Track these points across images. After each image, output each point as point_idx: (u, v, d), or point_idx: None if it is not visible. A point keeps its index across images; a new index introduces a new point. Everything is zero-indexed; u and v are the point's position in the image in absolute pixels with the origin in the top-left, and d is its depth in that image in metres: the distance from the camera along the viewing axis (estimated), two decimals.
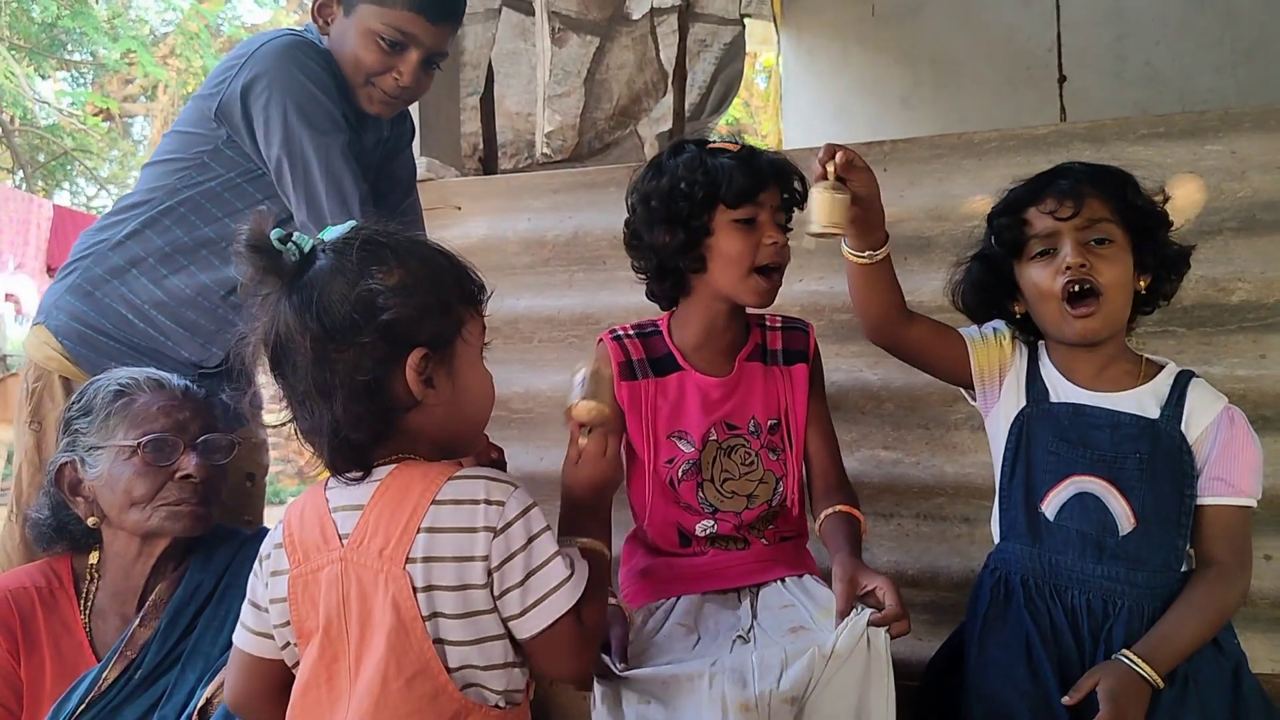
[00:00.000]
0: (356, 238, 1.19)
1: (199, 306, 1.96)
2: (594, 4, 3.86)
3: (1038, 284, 1.50)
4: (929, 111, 4.84)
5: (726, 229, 1.65)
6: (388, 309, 1.15)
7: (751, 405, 1.74)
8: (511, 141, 3.86)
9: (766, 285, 1.66)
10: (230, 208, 1.94)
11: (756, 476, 1.72)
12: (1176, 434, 1.46)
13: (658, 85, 4.22)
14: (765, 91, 10.59)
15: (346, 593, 1.15)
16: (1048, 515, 1.50)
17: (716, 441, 1.72)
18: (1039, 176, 1.55)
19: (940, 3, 4.90)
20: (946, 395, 2.13)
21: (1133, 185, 1.51)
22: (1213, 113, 2.02)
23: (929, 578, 2.12)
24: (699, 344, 1.75)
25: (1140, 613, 1.43)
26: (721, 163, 1.64)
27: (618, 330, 1.79)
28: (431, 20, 1.88)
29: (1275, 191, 1.95)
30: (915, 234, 2.17)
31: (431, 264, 1.22)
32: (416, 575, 1.12)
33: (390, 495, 1.16)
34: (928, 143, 2.21)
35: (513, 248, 2.51)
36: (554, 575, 1.16)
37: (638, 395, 1.74)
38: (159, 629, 1.59)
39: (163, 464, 1.61)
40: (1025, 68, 4.54)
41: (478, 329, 1.26)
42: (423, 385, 1.17)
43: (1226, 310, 1.96)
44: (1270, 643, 1.89)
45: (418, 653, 1.12)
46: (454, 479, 1.15)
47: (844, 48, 5.17)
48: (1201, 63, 4.29)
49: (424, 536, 1.12)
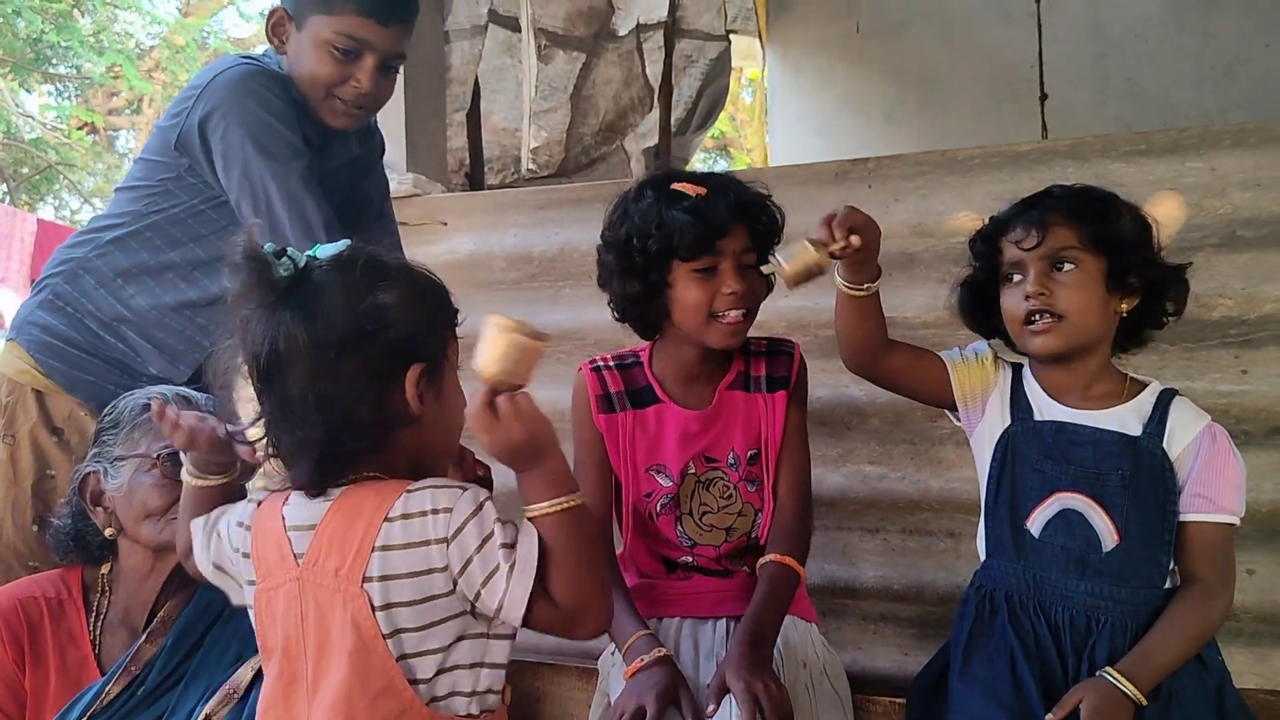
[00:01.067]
0: (360, 255, 1.20)
1: (165, 326, 1.98)
2: (580, 21, 3.88)
3: (1006, 309, 1.54)
4: (913, 128, 4.87)
5: (685, 279, 1.62)
6: (395, 324, 1.17)
7: (731, 437, 1.72)
8: (498, 157, 3.87)
9: (729, 328, 1.64)
10: (194, 233, 1.97)
11: (735, 510, 1.72)
12: (1159, 451, 1.47)
13: (644, 101, 4.24)
14: (751, 106, 10.63)
15: (304, 612, 1.16)
16: (1033, 532, 1.51)
17: (695, 475, 1.71)
18: (1018, 204, 1.58)
19: (924, 20, 4.94)
20: (931, 411, 2.13)
21: (1113, 206, 1.52)
22: (1193, 130, 2.04)
23: (915, 593, 2.12)
24: (678, 376, 1.74)
25: (1124, 629, 1.44)
26: (675, 215, 1.60)
27: (597, 361, 1.79)
28: (382, 22, 1.90)
29: (1255, 208, 1.96)
30: (899, 250, 2.18)
31: (423, 285, 1.24)
32: (374, 594, 1.12)
33: (342, 515, 1.16)
34: (912, 159, 2.22)
35: (499, 263, 2.51)
36: (503, 570, 1.13)
37: (615, 428, 1.73)
38: (165, 646, 1.58)
39: (180, 478, 1.61)
40: (1008, 84, 4.57)
41: (456, 351, 1.27)
42: (418, 401, 1.18)
43: (1208, 326, 1.97)
44: (1254, 657, 1.90)
45: (381, 670, 1.12)
46: (405, 495, 1.14)
47: (829, 64, 5.20)
48: (1182, 80, 4.33)
49: (378, 555, 1.12)
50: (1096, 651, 1.43)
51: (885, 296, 2.15)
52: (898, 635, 2.15)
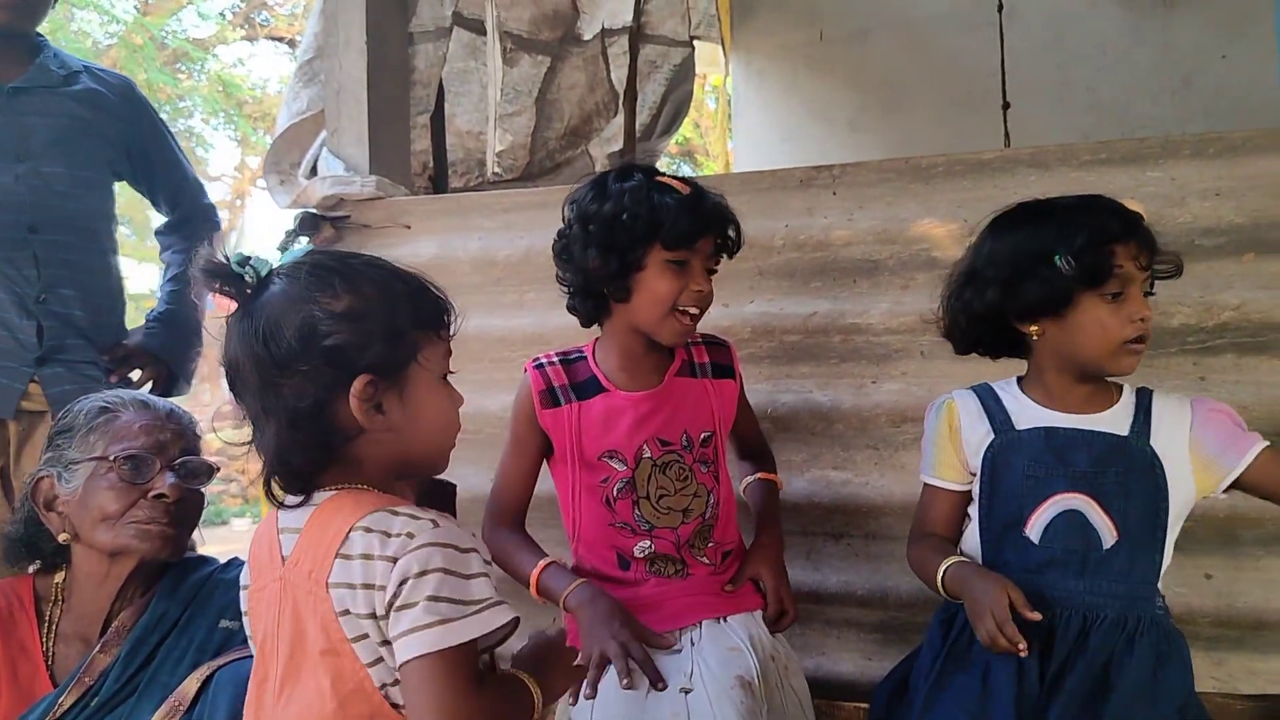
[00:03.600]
0: (306, 262, 1.19)
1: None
2: (545, 24, 3.86)
3: (1104, 324, 1.48)
4: (876, 135, 4.90)
5: (659, 267, 1.66)
6: (330, 335, 1.14)
7: (682, 418, 1.76)
8: (462, 160, 3.84)
9: (684, 326, 1.70)
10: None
11: (691, 491, 1.74)
12: (1147, 449, 1.50)
13: (609, 106, 4.23)
14: (714, 112, 10.66)
15: (282, 612, 1.16)
16: (1033, 538, 1.52)
17: (651, 459, 1.73)
18: (1124, 214, 1.51)
19: (887, 29, 4.97)
20: (895, 416, 2.15)
21: None
22: (1153, 139, 2.06)
23: (878, 597, 2.13)
24: (623, 365, 1.78)
25: (1121, 624, 1.46)
26: (667, 201, 1.64)
27: (540, 359, 1.81)
28: None
29: (1214, 217, 1.99)
30: (864, 257, 2.19)
31: (384, 288, 1.20)
32: (335, 599, 1.11)
33: (320, 520, 1.15)
34: (876, 167, 2.23)
35: (463, 267, 2.49)
36: (424, 615, 1.08)
37: (560, 421, 1.75)
38: (120, 656, 1.56)
39: (137, 481, 1.60)
40: (969, 93, 4.61)
41: (438, 353, 1.24)
42: (370, 412, 1.16)
43: (1167, 333, 2.00)
44: (1212, 661, 1.92)
45: (350, 673, 1.11)
46: (379, 510, 1.13)
47: (792, 71, 5.22)
48: (1140, 91, 4.39)
49: (339, 561, 1.12)
50: (1089, 642, 1.45)
51: (848, 303, 2.18)
52: (861, 641, 2.16)
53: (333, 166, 2.65)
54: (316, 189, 2.57)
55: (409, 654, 1.08)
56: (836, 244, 2.22)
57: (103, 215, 2.46)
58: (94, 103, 2.42)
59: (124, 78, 2.62)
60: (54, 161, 2.33)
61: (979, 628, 1.40)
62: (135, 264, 12.10)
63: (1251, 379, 1.97)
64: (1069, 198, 1.56)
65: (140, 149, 2.51)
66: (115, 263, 2.52)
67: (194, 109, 12.98)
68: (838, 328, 2.20)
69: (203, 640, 1.59)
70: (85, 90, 2.41)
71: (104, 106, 2.44)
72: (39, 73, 2.36)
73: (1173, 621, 1.52)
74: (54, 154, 2.33)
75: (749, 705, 1.48)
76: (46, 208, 2.31)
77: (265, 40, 13.34)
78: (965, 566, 1.51)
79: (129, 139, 2.49)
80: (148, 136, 2.53)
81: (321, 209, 2.58)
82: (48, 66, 2.38)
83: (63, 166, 2.34)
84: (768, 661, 1.62)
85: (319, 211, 2.58)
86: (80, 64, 2.48)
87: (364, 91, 2.67)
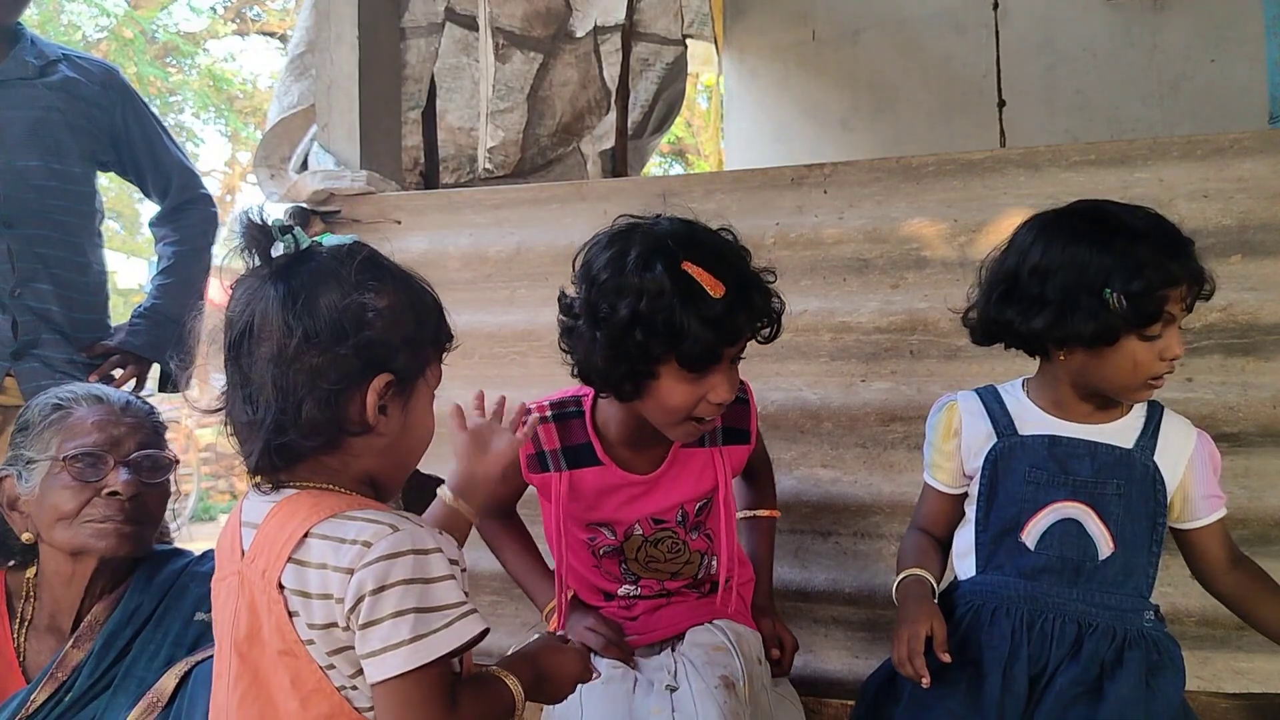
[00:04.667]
0: (360, 252, 1.18)
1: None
2: (538, 21, 3.86)
3: (1138, 361, 1.44)
4: (867, 134, 4.91)
5: (674, 377, 1.45)
6: (374, 327, 1.14)
7: (680, 493, 1.65)
8: (453, 156, 3.84)
9: (698, 430, 1.54)
10: None
11: (682, 559, 1.70)
12: (1150, 464, 1.50)
13: (600, 103, 4.23)
14: (706, 111, 10.67)
15: (238, 608, 1.14)
16: (1028, 544, 1.52)
17: (643, 535, 1.66)
18: (1170, 247, 1.43)
19: (879, 29, 4.98)
20: (884, 414, 2.16)
21: None
22: (1142, 141, 2.07)
23: (866, 595, 2.13)
24: (624, 438, 1.62)
25: (1110, 634, 1.46)
26: (691, 322, 1.39)
27: (533, 409, 1.57)
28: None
29: (1201, 219, 2.00)
30: (854, 255, 2.20)
31: (420, 299, 1.22)
32: (288, 602, 1.09)
33: (279, 518, 1.13)
34: (867, 166, 2.23)
35: (453, 263, 2.49)
36: (394, 633, 1.05)
37: (548, 485, 1.65)
38: (93, 651, 1.53)
39: (90, 479, 1.56)
40: (961, 94, 4.63)
41: (437, 374, 1.25)
42: (377, 411, 1.15)
43: None
44: (1197, 660, 1.93)
45: (309, 673, 1.09)
46: (335, 516, 1.11)
47: (784, 70, 5.23)
48: (1129, 93, 4.41)
49: (292, 566, 1.09)
50: (1084, 648, 1.45)
51: (839, 301, 2.19)
52: (848, 638, 2.17)
53: (323, 161, 2.64)
54: (307, 183, 2.57)
55: (380, 676, 1.05)
56: (827, 242, 2.22)
57: (82, 209, 2.42)
58: (72, 92, 2.38)
59: (106, 64, 2.57)
60: (29, 155, 2.30)
61: (894, 648, 1.45)
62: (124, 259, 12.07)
63: (1238, 380, 1.98)
64: (1129, 215, 1.46)
65: (125, 136, 2.47)
66: (97, 257, 2.48)
67: (184, 103, 12.94)
68: (827, 326, 2.20)
69: (178, 634, 1.57)
70: (63, 79, 2.38)
71: (82, 95, 2.40)
72: (14, 64, 2.33)
73: (1166, 628, 1.53)
74: (29, 147, 2.31)
75: (732, 706, 1.47)
76: (21, 201, 2.29)
77: (256, 35, 13.31)
78: (912, 586, 1.54)
79: (111, 127, 2.45)
80: (131, 123, 2.48)
81: (312, 204, 2.57)
82: (23, 57, 2.35)
83: (38, 159, 2.31)
84: (753, 663, 1.61)
85: (309, 206, 2.58)
86: (59, 52, 2.44)
87: (355, 86, 2.66)
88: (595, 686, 1.50)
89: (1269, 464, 1.96)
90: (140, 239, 12.29)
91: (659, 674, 1.54)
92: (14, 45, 2.36)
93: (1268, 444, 1.97)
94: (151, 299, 2.46)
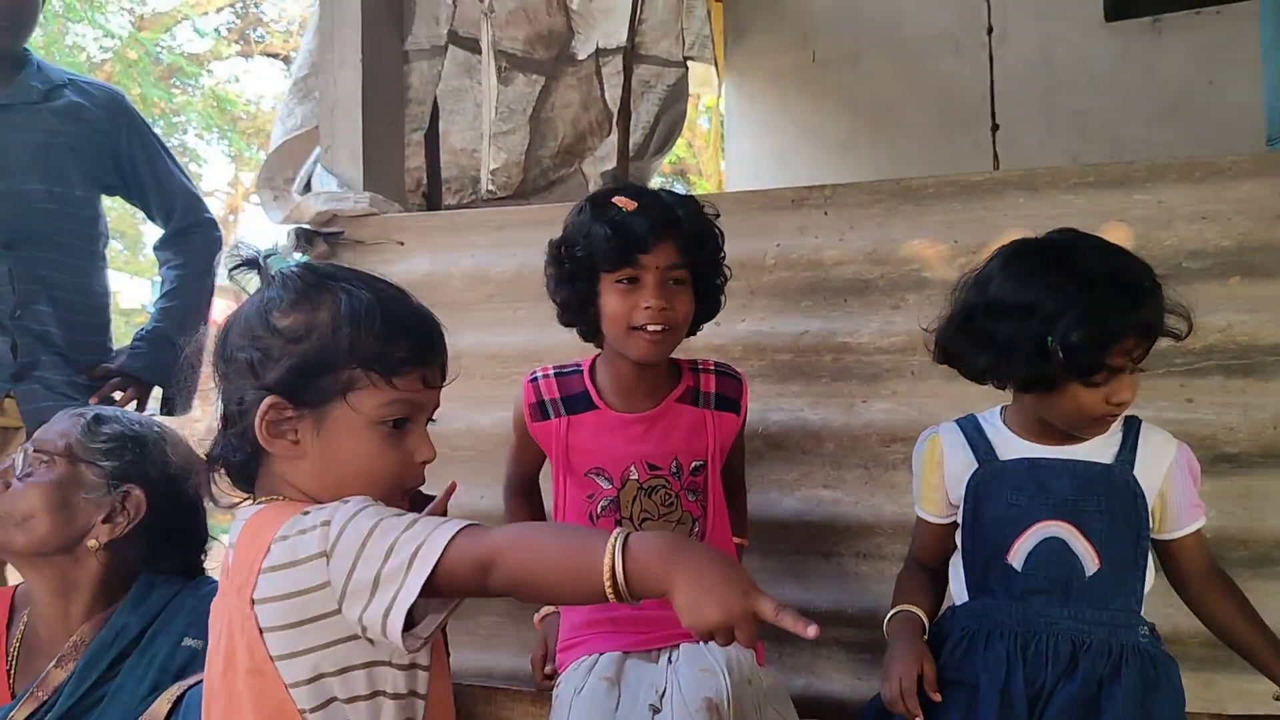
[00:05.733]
0: (288, 272, 1.20)
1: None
2: (540, 44, 3.88)
3: (1081, 404, 1.45)
4: (867, 156, 4.92)
5: (608, 289, 1.67)
6: (252, 348, 1.15)
7: (674, 444, 1.75)
8: (456, 177, 3.85)
9: (647, 342, 1.66)
10: None
11: (675, 517, 1.74)
12: (1130, 479, 1.51)
13: (602, 125, 4.25)
14: (707, 133, 10.71)
15: (221, 626, 1.14)
16: (1015, 566, 1.52)
17: (637, 481, 1.73)
18: (1122, 301, 1.41)
19: (879, 51, 5.01)
20: (885, 435, 2.16)
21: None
22: (1141, 163, 2.08)
23: (868, 617, 2.13)
24: (617, 388, 1.77)
25: (1106, 650, 1.46)
26: (598, 227, 1.64)
27: (536, 372, 1.82)
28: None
29: (1200, 241, 2.01)
30: (855, 276, 2.20)
31: (341, 318, 1.15)
32: (261, 617, 1.08)
33: (250, 533, 1.13)
34: (868, 187, 2.24)
35: (456, 284, 2.50)
36: (399, 554, 1.02)
37: (548, 433, 1.77)
38: (75, 670, 1.52)
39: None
40: (960, 116, 4.64)
41: (373, 400, 1.15)
42: (270, 434, 1.15)
43: (1154, 355, 1.97)
44: (1200, 682, 1.93)
45: (273, 694, 1.08)
46: (297, 514, 1.10)
47: (784, 93, 5.25)
48: (1128, 115, 4.42)
49: (264, 577, 1.08)
50: (1079, 666, 1.45)
51: (839, 322, 2.19)
52: (851, 660, 2.16)
53: (326, 183, 2.65)
54: (310, 205, 2.58)
55: (406, 605, 1.01)
56: (828, 263, 2.23)
57: (85, 232, 2.44)
58: (76, 116, 2.41)
59: (111, 89, 2.61)
60: (32, 178, 2.32)
61: (885, 686, 1.47)
62: (127, 279, 12.09)
63: (1238, 401, 1.98)
64: (1094, 257, 1.45)
65: (129, 161, 2.49)
66: (100, 280, 2.50)
67: (188, 124, 13.00)
68: (829, 347, 2.21)
69: (164, 659, 1.55)
70: (68, 104, 2.40)
71: (86, 120, 2.42)
72: (19, 89, 2.36)
73: (1163, 646, 1.53)
74: (32, 171, 2.33)
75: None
76: (23, 224, 2.31)
77: (260, 56, 13.38)
78: (903, 624, 1.57)
79: (114, 151, 2.47)
80: (135, 147, 2.50)
81: (315, 225, 2.58)
82: (29, 82, 2.37)
83: (41, 183, 2.33)
84: (743, 685, 1.60)
85: (312, 227, 2.58)
86: (65, 77, 2.47)
87: (358, 108, 2.68)
88: (580, 701, 1.54)
89: (1270, 485, 1.96)
90: (143, 259, 12.32)
91: (647, 692, 1.56)
92: (20, 70, 2.38)
93: (1268, 465, 1.97)
94: (154, 322, 2.48)
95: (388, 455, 1.18)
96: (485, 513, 2.35)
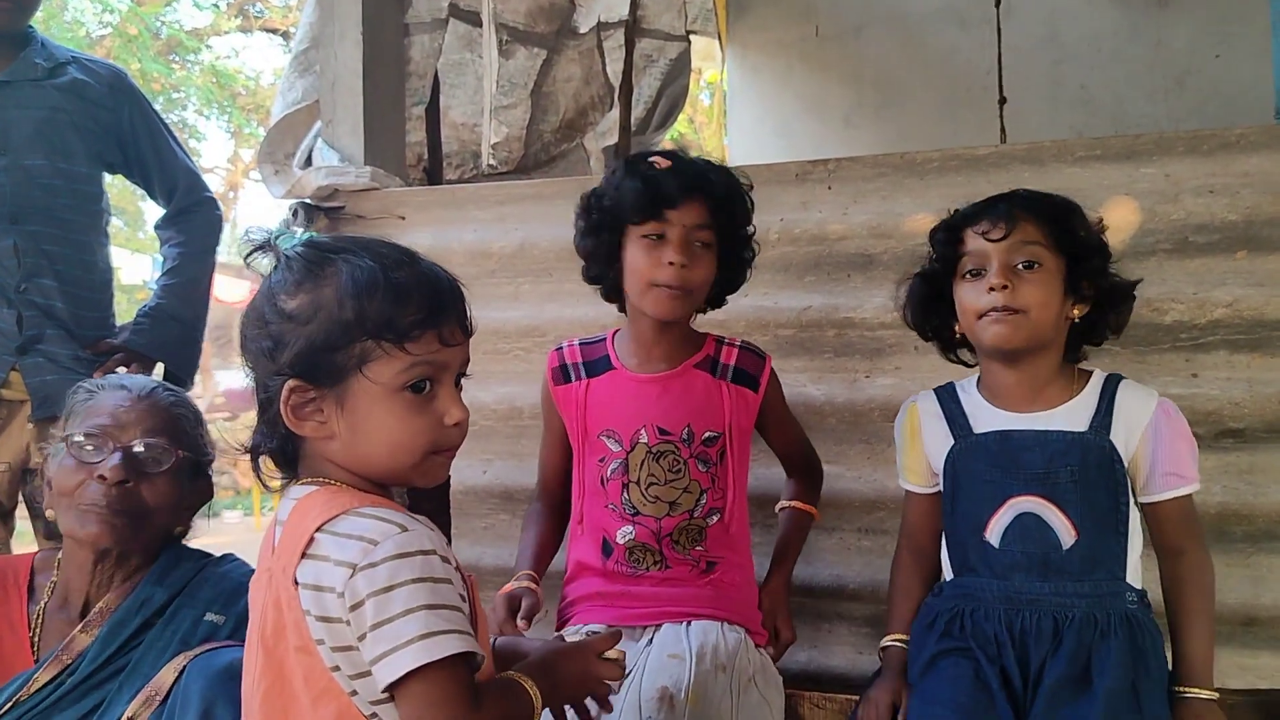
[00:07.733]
0: (294, 253, 1.19)
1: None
2: (542, 17, 3.86)
3: (964, 301, 1.55)
4: (870, 130, 4.90)
5: (635, 243, 1.72)
6: (264, 336, 1.15)
7: (686, 410, 1.76)
8: (457, 152, 3.84)
9: (665, 298, 1.70)
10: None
11: (682, 485, 1.74)
12: (1106, 444, 1.50)
13: (604, 99, 4.23)
14: (709, 108, 10.66)
15: (266, 605, 1.14)
16: (993, 542, 1.52)
17: (646, 445, 1.74)
18: (984, 200, 1.59)
19: (882, 24, 4.98)
20: (888, 411, 2.15)
21: (1076, 215, 1.55)
22: (1147, 136, 2.07)
23: (870, 591, 2.13)
24: (636, 350, 1.81)
25: (1091, 622, 1.46)
26: (629, 181, 1.70)
27: (562, 342, 1.89)
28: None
29: (1207, 214, 2.00)
30: (859, 251, 2.19)
31: (346, 291, 1.14)
32: (302, 599, 1.09)
33: (296, 516, 1.14)
34: (871, 161, 2.23)
35: (458, 259, 2.49)
36: (406, 630, 1.04)
37: (569, 396, 1.81)
38: (99, 637, 1.53)
39: (88, 461, 1.56)
40: (964, 89, 4.62)
41: (390, 369, 1.14)
42: (296, 418, 1.14)
43: (1160, 329, 2.01)
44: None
45: (320, 672, 1.09)
46: (350, 513, 1.10)
47: (788, 66, 5.22)
48: (1134, 89, 4.40)
49: (307, 562, 1.09)
50: (1064, 642, 1.45)
51: (842, 297, 2.19)
52: (852, 634, 2.16)
53: (327, 157, 2.64)
54: (311, 180, 2.57)
55: (392, 675, 1.03)
56: (831, 238, 2.22)
57: (88, 208, 2.45)
58: (79, 94, 2.42)
59: (114, 67, 2.61)
60: (35, 154, 2.34)
61: (862, 706, 1.57)
62: (128, 255, 12.08)
63: (1243, 375, 1.98)
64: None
65: (131, 139, 2.50)
66: (103, 256, 2.52)
67: (188, 100, 12.95)
68: (832, 322, 2.20)
69: (186, 633, 1.56)
70: (71, 81, 2.42)
71: (89, 97, 2.43)
72: (23, 66, 2.37)
73: (1152, 614, 1.53)
74: (36, 146, 2.34)
75: (663, 717, 1.50)
76: (28, 199, 2.32)
77: (260, 31, 13.31)
78: (891, 657, 1.62)
79: (117, 129, 2.48)
80: (138, 126, 2.51)
81: (316, 200, 2.57)
82: (33, 59, 2.39)
83: (45, 158, 2.35)
84: (711, 673, 1.59)
85: (313, 202, 2.57)
86: (68, 55, 2.48)
87: (359, 82, 2.66)
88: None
89: (1274, 460, 1.96)
90: (144, 236, 12.31)
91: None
92: (24, 48, 2.40)
93: (1273, 440, 1.96)
94: (156, 299, 2.51)
95: (415, 422, 1.16)
96: (487, 488, 2.36)
